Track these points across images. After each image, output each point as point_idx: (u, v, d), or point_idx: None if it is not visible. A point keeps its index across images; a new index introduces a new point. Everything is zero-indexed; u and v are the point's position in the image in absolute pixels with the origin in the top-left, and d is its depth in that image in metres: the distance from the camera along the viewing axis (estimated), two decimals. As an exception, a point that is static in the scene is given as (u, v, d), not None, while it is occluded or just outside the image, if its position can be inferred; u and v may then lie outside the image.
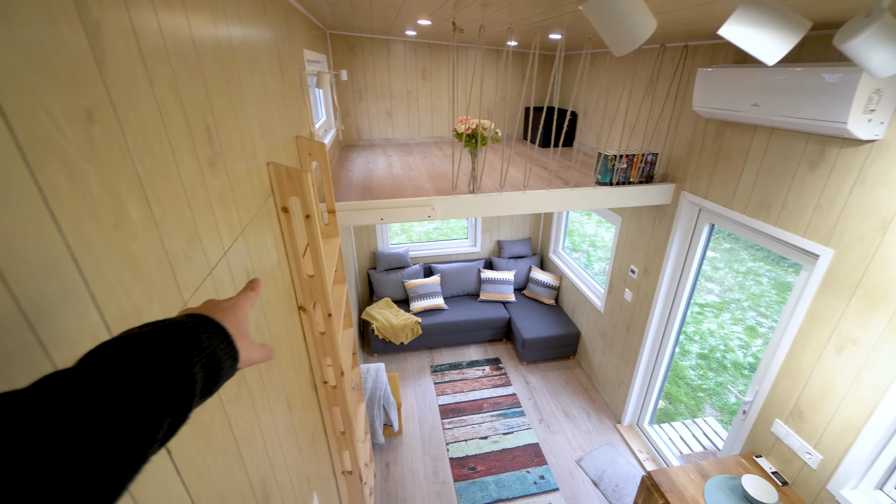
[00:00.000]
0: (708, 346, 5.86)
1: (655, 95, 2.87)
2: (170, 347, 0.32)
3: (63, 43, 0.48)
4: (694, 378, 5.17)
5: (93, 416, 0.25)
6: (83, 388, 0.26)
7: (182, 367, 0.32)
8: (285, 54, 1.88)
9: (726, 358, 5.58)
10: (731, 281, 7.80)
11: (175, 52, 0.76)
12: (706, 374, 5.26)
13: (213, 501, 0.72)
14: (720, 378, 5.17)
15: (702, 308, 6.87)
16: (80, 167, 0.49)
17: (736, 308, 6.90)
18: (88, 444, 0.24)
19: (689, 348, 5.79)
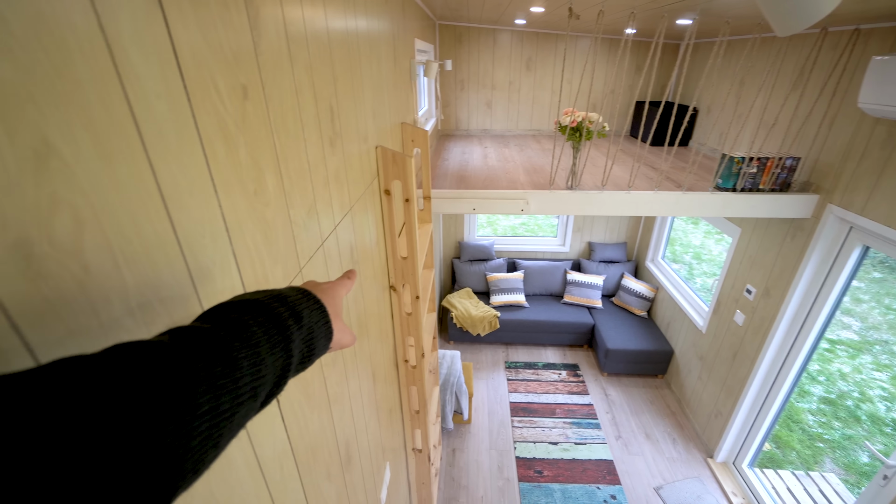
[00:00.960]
0: (836, 390, 4.95)
1: (805, 90, 2.44)
2: (275, 319, 0.32)
3: (231, 24, 0.54)
4: (813, 425, 4.41)
5: (219, 369, 0.26)
6: (211, 341, 0.27)
7: (284, 338, 0.32)
8: (399, 43, 1.95)
9: (860, 408, 4.66)
10: (877, 318, 6.46)
11: (313, 37, 0.83)
12: (830, 422, 4.46)
13: (306, 451, 0.79)
14: (849, 430, 4.34)
15: (832, 345, 5.81)
16: (235, 138, 0.55)
17: (882, 351, 5.70)
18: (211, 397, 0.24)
19: (809, 389, 4.95)
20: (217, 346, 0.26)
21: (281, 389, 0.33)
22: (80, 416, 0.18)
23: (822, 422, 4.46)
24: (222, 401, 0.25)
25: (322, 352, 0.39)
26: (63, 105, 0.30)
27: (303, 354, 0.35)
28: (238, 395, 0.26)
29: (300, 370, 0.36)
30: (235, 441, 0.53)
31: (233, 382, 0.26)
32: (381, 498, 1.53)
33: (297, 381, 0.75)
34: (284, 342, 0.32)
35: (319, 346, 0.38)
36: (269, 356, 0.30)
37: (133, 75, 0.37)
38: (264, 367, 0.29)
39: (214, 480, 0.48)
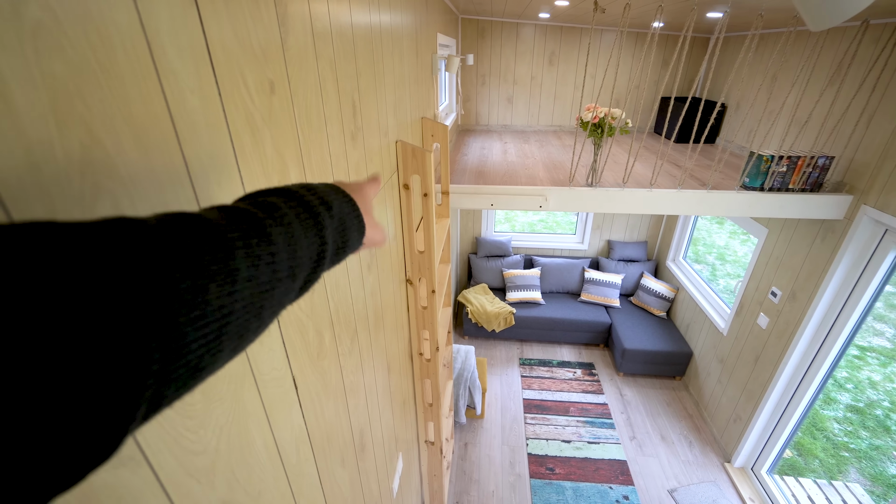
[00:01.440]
0: (865, 398, 4.77)
1: (843, 86, 2.33)
2: (305, 204, 0.33)
3: (260, 21, 0.55)
4: (838, 433, 4.27)
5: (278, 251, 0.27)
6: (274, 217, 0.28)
7: (317, 223, 0.32)
8: (422, 38, 1.95)
9: (891, 418, 4.48)
10: (912, 326, 6.18)
11: (337, 33, 0.84)
12: (857, 431, 4.31)
13: (322, 437, 0.81)
14: (878, 441, 4.19)
15: (862, 352, 5.59)
16: (261, 132, 0.57)
17: (916, 361, 5.46)
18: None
19: (835, 396, 4.79)
20: (253, 220, 0.27)
21: (317, 277, 0.33)
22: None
23: (848, 430, 4.31)
24: (261, 270, 0.25)
25: (356, 245, 0.39)
26: (107, 100, 0.32)
27: (336, 245, 0.35)
28: (276, 269, 0.27)
29: (335, 261, 0.36)
30: (254, 422, 0.55)
31: (270, 255, 0.26)
32: (394, 487, 1.56)
33: (315, 368, 0.77)
34: (317, 227, 0.32)
35: (353, 238, 0.38)
36: (304, 238, 0.30)
37: (170, 71, 0.39)
38: (299, 248, 0.29)
39: (235, 459, 0.50)
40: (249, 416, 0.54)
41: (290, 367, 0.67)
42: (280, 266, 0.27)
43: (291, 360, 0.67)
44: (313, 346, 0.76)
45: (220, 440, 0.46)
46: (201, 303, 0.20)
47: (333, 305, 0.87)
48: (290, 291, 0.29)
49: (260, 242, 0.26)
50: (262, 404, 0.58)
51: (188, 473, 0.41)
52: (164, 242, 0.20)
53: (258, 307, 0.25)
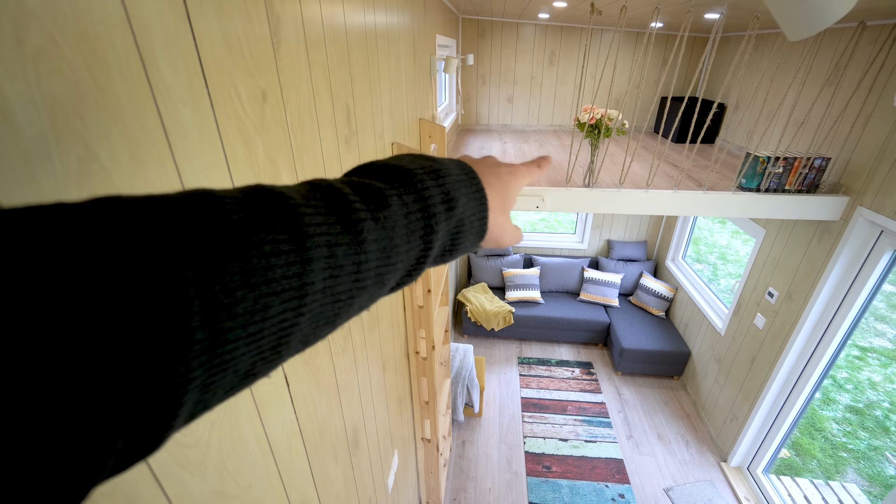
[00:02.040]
0: (865, 399, 4.77)
1: (840, 87, 2.34)
2: (423, 200, 0.28)
3: (253, 33, 0.58)
4: (836, 433, 4.28)
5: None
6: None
7: (427, 227, 0.28)
8: (419, 39, 1.97)
9: (890, 419, 4.49)
10: (914, 326, 6.17)
11: (331, 39, 0.86)
12: (856, 432, 4.31)
13: (314, 432, 0.84)
14: (877, 441, 4.19)
15: (863, 352, 5.59)
16: (253, 140, 0.59)
17: (916, 361, 5.45)
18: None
19: (835, 396, 4.79)
20: (347, 218, 0.23)
21: (414, 279, 0.30)
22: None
23: (847, 431, 4.32)
24: (341, 281, 0.22)
25: (469, 248, 0.34)
26: (103, 116, 0.35)
27: (444, 248, 0.31)
28: (360, 279, 0.23)
29: (439, 262, 0.32)
30: (246, 418, 0.58)
31: (355, 265, 0.23)
32: (389, 483, 1.59)
33: (307, 367, 0.80)
34: (426, 230, 0.28)
35: (467, 242, 0.33)
36: (405, 244, 0.26)
37: (163, 86, 0.42)
38: (396, 255, 0.26)
39: (226, 452, 0.53)
40: (240, 412, 0.57)
41: (283, 366, 0.70)
42: (366, 275, 0.24)
43: (284, 359, 0.70)
44: (306, 344, 0.79)
45: (211, 434, 0.49)
46: (258, 317, 0.18)
47: (327, 305, 0.89)
48: (374, 297, 0.26)
49: (348, 252, 0.22)
50: (254, 401, 0.61)
51: (180, 465, 0.44)
52: (234, 230, 0.17)
53: (332, 316, 0.22)
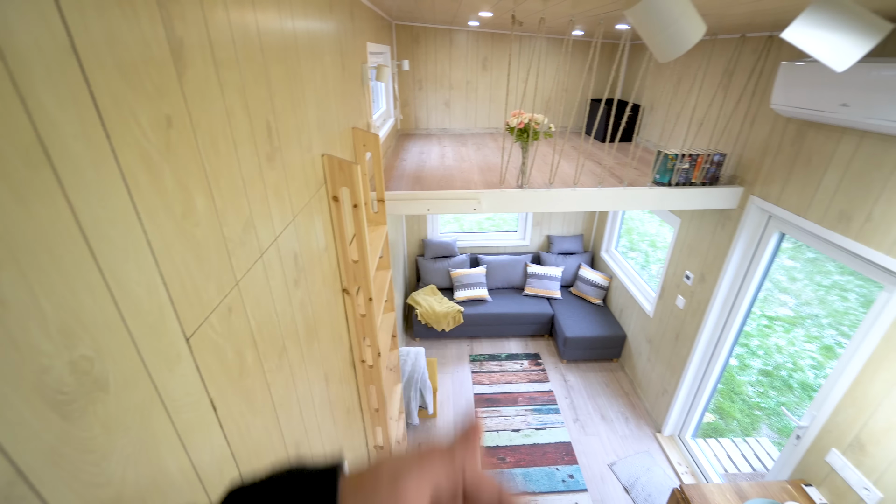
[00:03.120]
0: (773, 362, 5.40)
1: (730, 90, 2.65)
2: None
3: (152, 59, 0.57)
4: (752, 395, 4.81)
5: None
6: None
7: None
8: (348, 49, 1.97)
9: (793, 377, 5.11)
10: (810, 294, 7.06)
11: (244, 59, 0.86)
12: (767, 392, 4.87)
13: (249, 455, 0.83)
14: (783, 398, 4.77)
15: (771, 321, 6.31)
16: (158, 166, 0.58)
17: (812, 324, 6.25)
18: None
19: (750, 363, 5.38)
20: None
21: None
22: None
23: (759, 392, 4.87)
24: None
25: None
26: (-23, 162, 0.34)
27: None
28: None
29: None
30: (168, 449, 0.57)
31: None
32: (341, 494, 1.58)
33: (236, 389, 0.79)
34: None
35: None
36: None
37: (48, 122, 0.41)
38: None
39: (145, 487, 0.52)
40: (161, 444, 0.56)
41: (207, 391, 0.69)
42: None
43: (208, 384, 0.69)
44: (233, 366, 0.78)
45: (126, 470, 0.48)
46: None
47: (255, 324, 0.89)
48: None
49: None
50: (175, 430, 0.60)
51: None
52: None
53: None
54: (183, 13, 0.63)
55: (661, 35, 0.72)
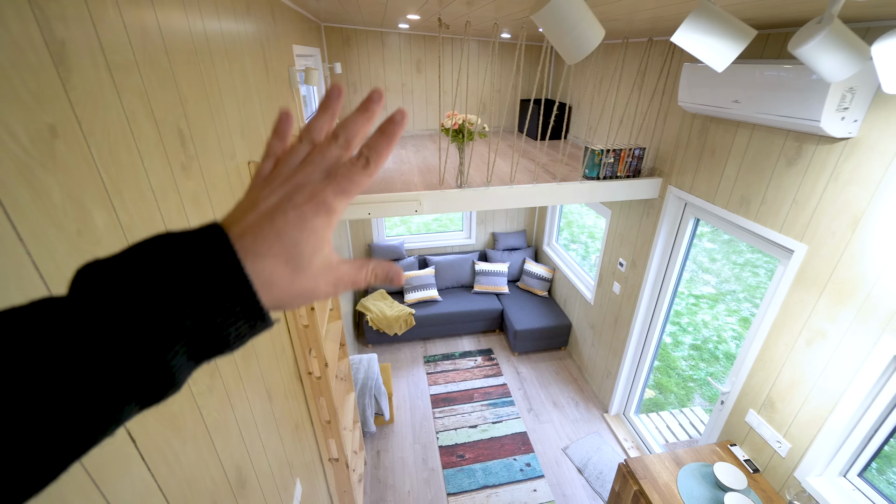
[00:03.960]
0: (701, 337, 5.92)
1: (644, 89, 2.88)
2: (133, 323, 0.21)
3: (26, 65, 0.52)
4: (686, 369, 5.24)
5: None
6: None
7: (150, 362, 0.22)
8: (271, 51, 1.90)
9: (719, 349, 5.64)
10: (728, 273, 7.82)
11: (146, 62, 0.80)
12: (698, 364, 5.34)
13: (180, 485, 0.78)
14: (711, 369, 5.24)
15: (697, 300, 6.92)
16: (42, 181, 0.53)
17: (731, 299, 6.94)
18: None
19: (682, 339, 5.85)
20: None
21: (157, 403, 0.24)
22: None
23: (692, 365, 5.32)
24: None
25: (254, 334, 0.25)
26: None
27: (199, 353, 0.23)
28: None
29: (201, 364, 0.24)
30: (76, 490, 0.52)
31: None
32: (293, 514, 1.52)
33: (159, 417, 0.74)
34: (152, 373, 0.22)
35: (238, 334, 0.24)
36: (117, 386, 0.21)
37: None
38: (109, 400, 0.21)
39: (48, 531, 0.47)
40: (67, 485, 0.51)
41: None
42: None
43: (124, 414, 0.64)
44: (154, 392, 0.73)
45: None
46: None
47: (179, 345, 0.83)
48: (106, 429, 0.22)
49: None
50: (85, 469, 0.55)
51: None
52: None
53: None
54: (63, 13, 0.58)
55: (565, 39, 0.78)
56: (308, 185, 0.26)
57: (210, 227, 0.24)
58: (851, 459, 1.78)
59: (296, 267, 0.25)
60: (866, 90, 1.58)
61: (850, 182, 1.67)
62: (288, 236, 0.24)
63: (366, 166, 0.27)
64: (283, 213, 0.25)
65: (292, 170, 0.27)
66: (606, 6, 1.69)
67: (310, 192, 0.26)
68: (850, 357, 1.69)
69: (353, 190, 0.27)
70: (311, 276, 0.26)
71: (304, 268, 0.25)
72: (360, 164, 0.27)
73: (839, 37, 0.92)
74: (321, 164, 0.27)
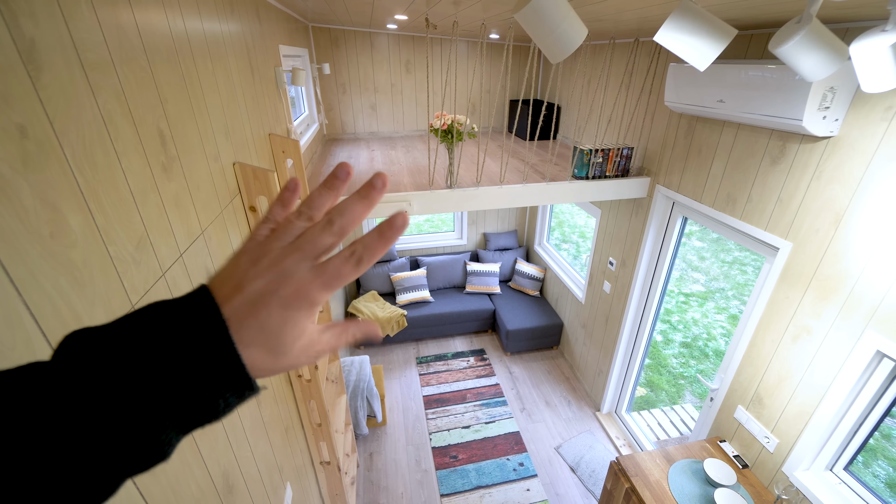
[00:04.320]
0: (691, 334, 5.99)
1: (631, 89, 2.90)
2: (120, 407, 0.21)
3: (-8, 64, 0.50)
4: (676, 366, 5.29)
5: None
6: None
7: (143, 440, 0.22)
8: (257, 51, 1.88)
9: (708, 346, 5.70)
10: (716, 271, 7.92)
11: (123, 60, 0.79)
12: (688, 362, 5.39)
13: (164, 493, 0.76)
14: (701, 366, 5.30)
15: (687, 298, 6.99)
16: (11, 182, 0.52)
17: (720, 297, 7.02)
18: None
19: (672, 337, 5.91)
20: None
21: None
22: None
23: (682, 362, 5.37)
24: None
25: (239, 404, 0.26)
26: None
27: (191, 423, 0.24)
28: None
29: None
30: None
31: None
32: (283, 519, 1.50)
33: (139, 421, 0.72)
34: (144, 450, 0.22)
35: (225, 406, 0.24)
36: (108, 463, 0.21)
37: None
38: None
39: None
40: (38, 494, 0.50)
41: (101, 428, 0.62)
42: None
43: (101, 420, 0.62)
44: (134, 398, 0.71)
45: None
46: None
47: (160, 350, 0.82)
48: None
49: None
50: (60, 476, 0.53)
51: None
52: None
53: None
54: (31, 10, 0.56)
55: (548, 38, 0.78)
56: (295, 276, 0.26)
57: (204, 302, 0.24)
58: (837, 453, 1.81)
59: (277, 353, 0.26)
60: (846, 90, 1.61)
61: (833, 180, 1.70)
62: (270, 330, 0.25)
63: (357, 265, 0.27)
64: (267, 306, 0.25)
65: (283, 249, 0.27)
66: (592, 6, 1.70)
67: (296, 285, 0.26)
68: (835, 352, 1.71)
69: (339, 285, 0.27)
70: (293, 358, 0.27)
71: (286, 353, 0.26)
72: (352, 263, 0.27)
73: (818, 36, 0.94)
74: (312, 252, 0.27)
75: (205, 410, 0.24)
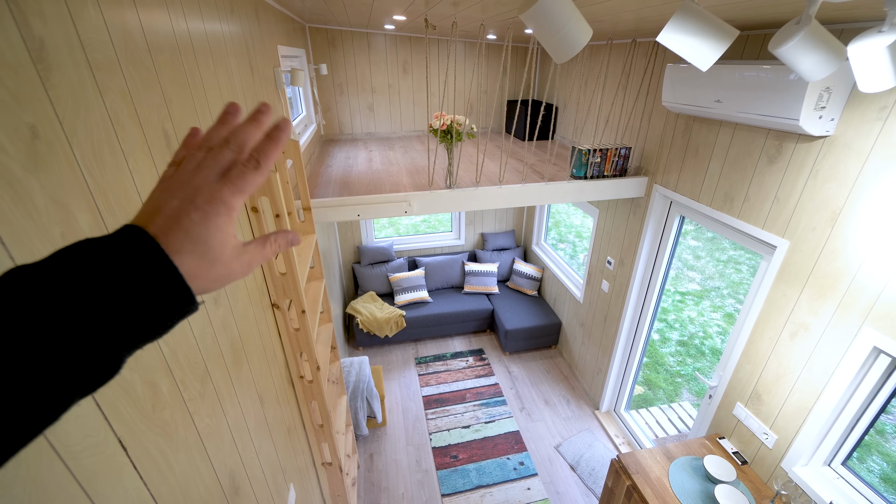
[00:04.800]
0: (688, 333, 6.02)
1: (628, 90, 2.92)
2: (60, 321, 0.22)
3: (3, 62, 0.50)
4: (673, 364, 5.32)
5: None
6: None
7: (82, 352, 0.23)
8: (256, 52, 1.88)
9: (705, 344, 5.74)
10: (712, 269, 7.97)
11: (129, 61, 0.78)
12: (685, 360, 5.42)
13: (173, 493, 0.76)
14: (698, 364, 5.33)
15: (683, 296, 7.03)
16: (23, 182, 0.51)
17: (716, 296, 7.07)
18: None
19: (669, 336, 5.94)
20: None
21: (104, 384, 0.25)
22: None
23: (679, 360, 5.41)
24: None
25: (183, 316, 0.27)
26: None
27: (133, 339, 0.25)
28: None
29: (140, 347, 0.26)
30: (65, 498, 0.51)
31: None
32: (286, 520, 1.50)
33: (151, 423, 0.72)
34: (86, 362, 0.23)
35: (166, 317, 0.26)
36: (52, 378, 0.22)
37: None
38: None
39: (36, 544, 0.46)
40: (55, 498, 0.49)
41: (113, 429, 0.62)
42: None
43: (113, 421, 0.62)
44: (144, 399, 0.71)
45: (4, 531, 0.42)
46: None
47: (168, 350, 0.81)
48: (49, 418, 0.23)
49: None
50: (76, 479, 0.53)
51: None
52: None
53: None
54: (41, 10, 0.56)
55: (554, 38, 0.79)
56: (206, 187, 0.29)
57: (130, 229, 0.26)
58: (835, 449, 1.83)
59: (210, 259, 0.28)
60: (842, 90, 1.63)
61: (829, 179, 1.72)
62: (195, 234, 0.27)
63: (257, 167, 0.31)
64: (188, 214, 0.28)
65: (190, 171, 0.29)
66: (592, 7, 1.71)
67: (208, 193, 0.29)
68: (833, 349, 1.73)
69: (248, 188, 0.30)
70: (225, 264, 0.29)
71: (217, 258, 0.29)
72: (252, 166, 0.31)
73: (817, 37, 0.95)
74: (216, 167, 0.30)
75: (150, 321, 0.25)
